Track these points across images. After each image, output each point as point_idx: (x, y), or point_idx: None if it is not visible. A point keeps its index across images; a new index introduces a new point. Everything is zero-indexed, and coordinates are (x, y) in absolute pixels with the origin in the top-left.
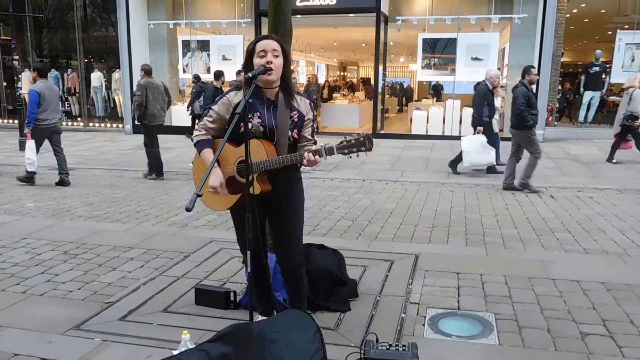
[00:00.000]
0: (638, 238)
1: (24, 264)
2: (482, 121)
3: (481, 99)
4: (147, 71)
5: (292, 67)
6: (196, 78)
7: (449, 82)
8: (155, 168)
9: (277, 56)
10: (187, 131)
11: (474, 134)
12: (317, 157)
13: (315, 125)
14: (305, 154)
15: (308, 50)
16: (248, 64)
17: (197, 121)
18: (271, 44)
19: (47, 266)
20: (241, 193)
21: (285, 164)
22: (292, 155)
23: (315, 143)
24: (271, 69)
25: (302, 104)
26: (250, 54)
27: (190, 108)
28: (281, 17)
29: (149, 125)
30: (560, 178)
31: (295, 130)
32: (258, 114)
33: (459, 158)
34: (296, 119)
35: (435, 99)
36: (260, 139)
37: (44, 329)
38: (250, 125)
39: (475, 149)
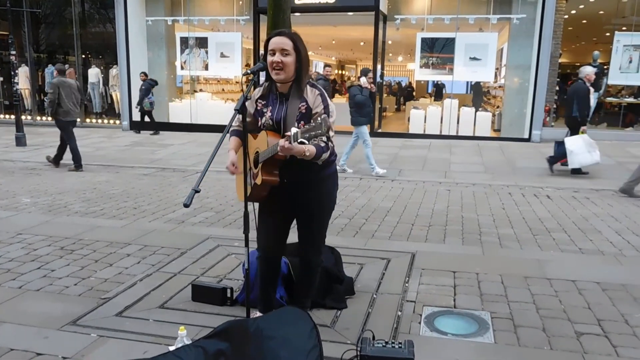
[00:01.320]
0: (633, 239)
1: (20, 260)
2: (585, 119)
3: (583, 98)
4: (60, 71)
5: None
6: (145, 75)
7: (447, 81)
8: (74, 160)
9: (287, 54)
10: (153, 127)
11: (579, 133)
12: (286, 142)
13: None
14: (280, 141)
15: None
16: (265, 59)
17: (146, 117)
18: (281, 43)
19: (43, 262)
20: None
21: (272, 152)
22: (276, 144)
23: (328, 138)
24: (280, 68)
25: (311, 95)
26: (265, 49)
27: (139, 105)
28: (280, 15)
29: (63, 121)
30: (556, 178)
31: (302, 122)
32: (270, 107)
33: (556, 159)
34: (304, 111)
35: (433, 97)
36: (267, 131)
37: (40, 324)
38: (264, 118)
39: (582, 148)
